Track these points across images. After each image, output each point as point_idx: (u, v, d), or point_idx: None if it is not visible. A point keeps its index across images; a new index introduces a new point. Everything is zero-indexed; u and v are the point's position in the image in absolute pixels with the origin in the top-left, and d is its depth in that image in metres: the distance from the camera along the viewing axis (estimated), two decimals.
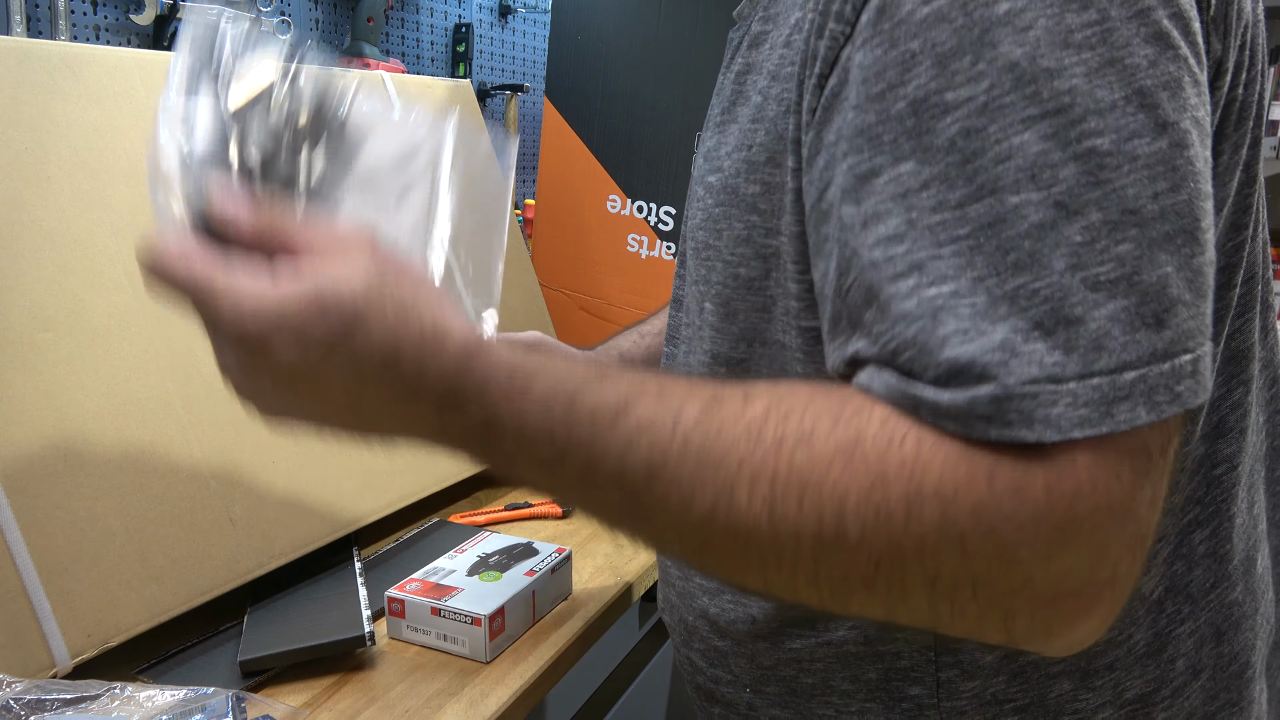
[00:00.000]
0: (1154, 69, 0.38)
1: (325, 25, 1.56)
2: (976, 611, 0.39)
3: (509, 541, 0.91)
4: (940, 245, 0.38)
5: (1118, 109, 0.37)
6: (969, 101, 0.38)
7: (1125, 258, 0.37)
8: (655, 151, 1.44)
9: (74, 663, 0.73)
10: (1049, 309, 0.36)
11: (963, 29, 0.38)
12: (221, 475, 0.85)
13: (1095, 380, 0.36)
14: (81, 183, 0.82)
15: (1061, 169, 0.37)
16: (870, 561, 0.39)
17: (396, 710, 0.74)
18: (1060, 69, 0.37)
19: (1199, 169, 0.39)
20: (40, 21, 1.14)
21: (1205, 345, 0.38)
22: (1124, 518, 0.37)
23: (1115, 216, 0.37)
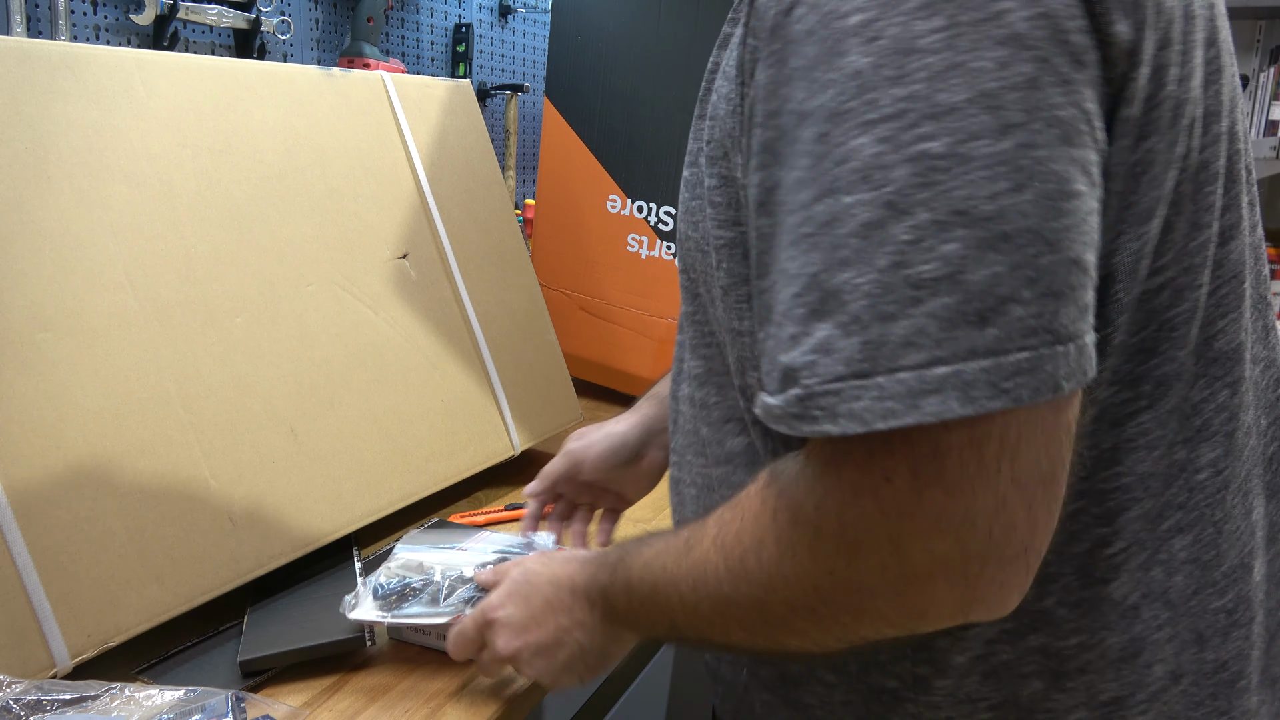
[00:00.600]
0: (1003, 71, 0.38)
1: (325, 25, 1.56)
2: (851, 615, 0.44)
3: (509, 541, 0.91)
4: (794, 245, 0.41)
5: (957, 112, 0.38)
6: (821, 109, 0.40)
7: (950, 257, 0.37)
8: (655, 151, 1.44)
9: (74, 663, 0.73)
10: (867, 304, 0.38)
11: (822, 41, 0.40)
12: (221, 475, 0.85)
13: (902, 375, 0.37)
14: (81, 183, 0.82)
15: (893, 170, 0.38)
16: (754, 609, 0.48)
17: (396, 710, 0.74)
18: (901, 75, 0.38)
19: (1057, 169, 0.39)
20: (40, 21, 1.14)
21: (1054, 345, 0.38)
22: (941, 510, 0.39)
23: (943, 216, 0.38)
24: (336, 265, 1.01)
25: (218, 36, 1.38)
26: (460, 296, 1.16)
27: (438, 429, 1.07)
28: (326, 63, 1.56)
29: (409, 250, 1.11)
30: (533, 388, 1.23)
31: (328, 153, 1.05)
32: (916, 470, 0.39)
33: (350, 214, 1.05)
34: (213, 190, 0.92)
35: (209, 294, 0.89)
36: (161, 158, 0.88)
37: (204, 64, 0.95)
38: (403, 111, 1.16)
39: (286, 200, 0.98)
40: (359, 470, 0.97)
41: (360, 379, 1.00)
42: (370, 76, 1.14)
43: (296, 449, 0.92)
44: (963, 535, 0.39)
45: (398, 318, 1.07)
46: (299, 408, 0.93)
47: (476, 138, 1.26)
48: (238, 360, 0.89)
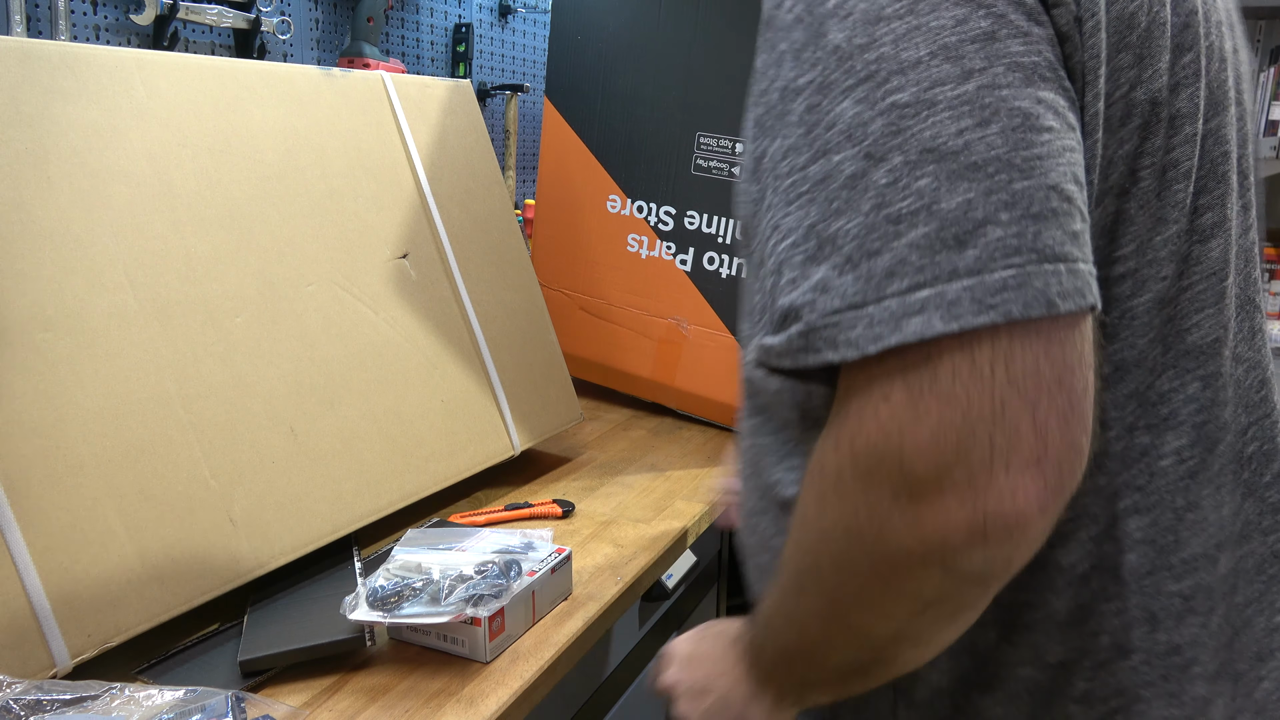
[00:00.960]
0: (960, 26, 0.42)
1: (325, 25, 1.56)
2: (885, 559, 0.44)
3: (509, 541, 0.91)
4: (789, 204, 0.45)
5: (921, 65, 0.42)
6: (811, 84, 0.45)
7: (924, 190, 0.41)
8: (655, 151, 1.44)
9: (74, 663, 0.73)
10: (856, 245, 0.42)
11: (808, 26, 0.45)
12: (221, 475, 0.85)
13: (888, 302, 0.41)
14: (81, 183, 0.82)
15: (870, 125, 0.42)
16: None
17: (396, 710, 0.74)
18: (870, 42, 0.43)
19: (1023, 105, 0.42)
20: (40, 21, 1.14)
21: (1041, 263, 0.41)
22: (938, 421, 0.41)
23: (914, 157, 0.41)
24: (336, 265, 1.01)
25: (218, 36, 1.38)
26: (460, 296, 1.16)
27: (438, 429, 1.07)
28: (326, 63, 1.56)
29: (409, 250, 1.11)
30: (533, 388, 1.23)
31: (328, 153, 1.05)
32: (910, 386, 0.41)
33: (350, 214, 1.05)
34: (213, 190, 0.92)
35: (209, 294, 0.89)
36: (161, 158, 0.88)
37: (204, 64, 0.95)
38: (403, 111, 1.16)
39: (286, 200, 0.98)
40: (359, 470, 0.97)
41: (360, 379, 1.00)
42: (370, 76, 1.14)
43: (296, 449, 0.92)
44: (964, 445, 0.40)
45: (398, 318, 1.07)
46: (299, 408, 0.93)
47: (476, 138, 1.26)
48: (238, 360, 0.89)
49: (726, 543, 1.37)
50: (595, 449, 1.36)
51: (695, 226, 1.41)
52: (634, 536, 1.06)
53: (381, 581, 0.79)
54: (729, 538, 1.37)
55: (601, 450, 1.35)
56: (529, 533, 0.94)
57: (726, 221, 1.39)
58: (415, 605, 0.78)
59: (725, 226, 1.39)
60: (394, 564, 0.82)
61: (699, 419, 1.48)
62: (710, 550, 1.31)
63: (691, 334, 1.44)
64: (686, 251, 1.43)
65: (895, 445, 0.42)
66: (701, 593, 1.31)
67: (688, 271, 1.43)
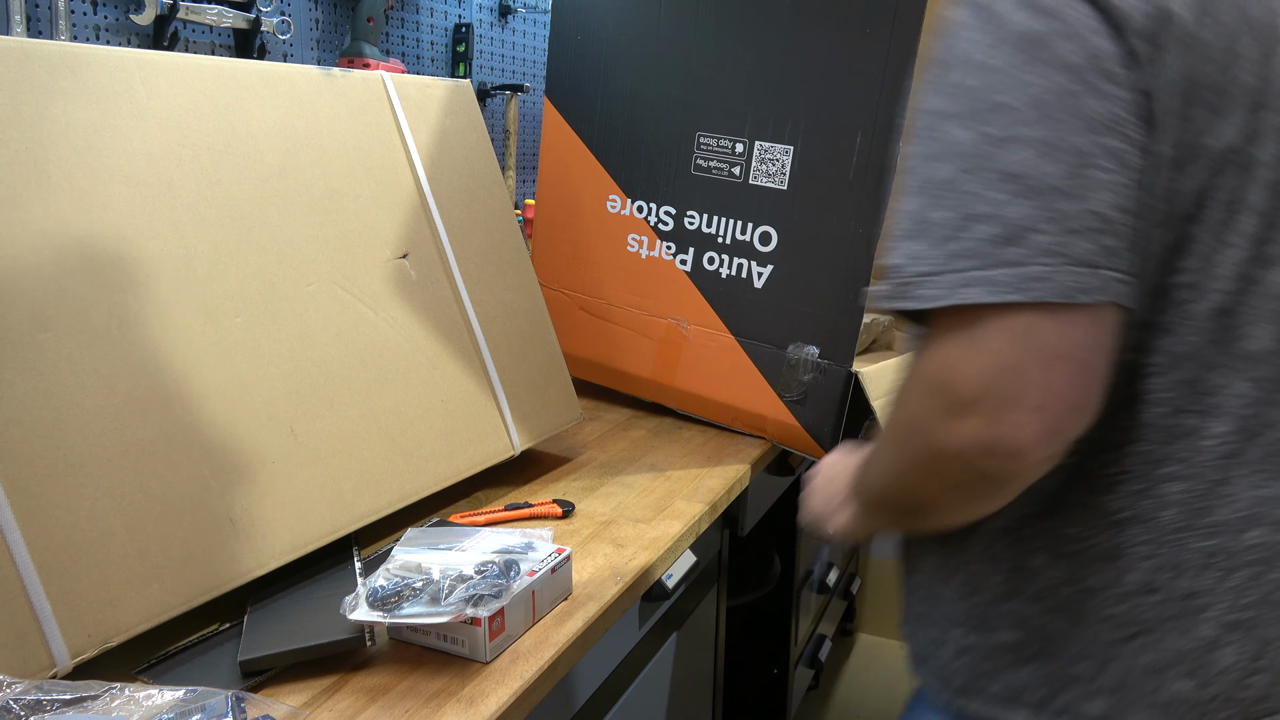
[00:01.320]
0: (1049, 85, 0.57)
1: (325, 25, 1.56)
2: (929, 450, 0.60)
3: (509, 541, 0.91)
4: (909, 194, 0.61)
5: (1014, 110, 0.57)
6: (938, 109, 0.61)
7: (996, 202, 0.56)
8: (655, 151, 1.44)
9: (74, 663, 0.73)
10: (942, 232, 0.58)
11: (944, 66, 0.62)
12: (221, 475, 0.85)
13: (951, 275, 0.57)
14: (81, 183, 0.82)
15: (968, 147, 0.58)
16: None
17: (396, 710, 0.74)
18: (982, 87, 0.59)
19: (1082, 147, 0.56)
20: (40, 21, 1.14)
21: (1068, 266, 0.55)
22: (978, 365, 0.56)
23: (993, 177, 0.57)
24: (336, 265, 1.01)
25: (218, 36, 1.38)
26: (460, 296, 1.16)
27: (438, 429, 1.07)
28: (326, 63, 1.57)
29: (409, 250, 1.11)
30: (533, 388, 1.23)
31: (328, 153, 1.05)
32: (961, 338, 0.57)
33: (350, 214, 1.05)
34: (213, 190, 0.92)
35: (209, 294, 0.89)
36: (161, 158, 0.88)
37: (204, 64, 0.95)
38: (403, 111, 1.16)
39: (286, 200, 0.98)
40: (359, 470, 0.97)
41: (360, 379, 1.00)
42: (370, 76, 1.14)
43: (296, 449, 0.92)
44: (991, 386, 0.56)
45: (398, 318, 1.07)
46: (299, 408, 0.93)
47: (476, 138, 1.26)
48: (238, 360, 0.89)
49: (726, 543, 1.37)
50: (595, 449, 1.36)
51: (695, 226, 1.41)
52: (634, 536, 1.06)
53: (381, 581, 0.79)
54: (729, 537, 1.37)
55: (601, 450, 1.35)
56: (529, 533, 0.94)
57: (726, 221, 1.39)
58: (415, 605, 0.78)
59: (725, 226, 1.39)
60: (394, 564, 0.82)
61: (699, 419, 1.49)
62: (710, 550, 1.31)
63: (691, 334, 1.44)
64: (686, 251, 1.43)
65: (947, 377, 0.57)
66: (701, 593, 1.31)
67: (688, 271, 1.43)
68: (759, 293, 1.37)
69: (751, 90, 1.34)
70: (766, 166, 1.34)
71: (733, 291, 1.39)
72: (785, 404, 1.36)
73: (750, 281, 1.37)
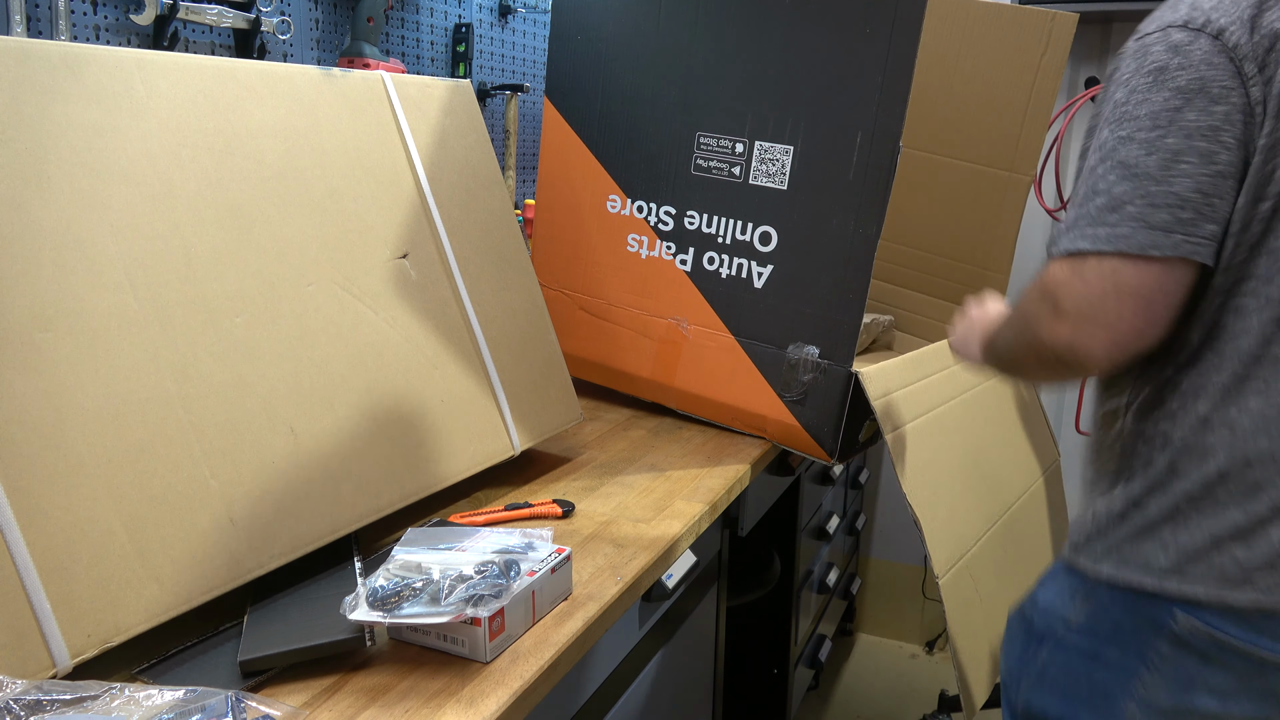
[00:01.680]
0: (1166, 103, 0.82)
1: (325, 25, 1.56)
2: (1033, 335, 0.87)
3: (509, 541, 0.91)
4: (1079, 181, 0.87)
5: (1138, 120, 0.82)
6: (1100, 116, 0.87)
7: (1111, 182, 0.82)
8: (655, 151, 1.44)
9: (74, 663, 0.73)
10: (1077, 202, 0.84)
11: (1111, 85, 0.87)
12: (221, 475, 0.85)
13: (1074, 231, 0.83)
14: (81, 183, 0.82)
15: (1107, 144, 0.84)
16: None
17: (396, 710, 0.74)
18: (1125, 100, 0.84)
19: (1176, 147, 0.80)
20: (40, 21, 1.14)
21: (1148, 229, 0.80)
22: (1075, 289, 0.83)
23: (1112, 164, 0.83)
24: (336, 265, 1.01)
25: (218, 36, 1.38)
26: (460, 296, 1.16)
27: (438, 429, 1.07)
28: (326, 63, 1.57)
29: (409, 250, 1.11)
30: (533, 388, 1.23)
31: (328, 153, 1.05)
32: (1072, 268, 0.82)
33: (350, 214, 1.05)
34: (213, 190, 0.92)
35: (209, 294, 0.89)
36: (161, 158, 0.88)
37: (204, 64, 0.95)
38: (403, 111, 1.16)
39: (286, 200, 0.98)
40: (359, 470, 0.97)
41: (360, 379, 1.00)
42: (370, 76, 1.14)
43: (296, 449, 0.92)
44: (1080, 304, 0.81)
45: (398, 318, 1.07)
46: (299, 408, 0.93)
47: (476, 138, 1.26)
48: (238, 360, 0.89)
49: (726, 543, 1.37)
50: (595, 449, 1.36)
51: (695, 226, 1.41)
52: (634, 536, 1.06)
53: (381, 581, 0.79)
54: (729, 537, 1.37)
55: (601, 450, 1.35)
56: (529, 533, 0.94)
57: (726, 221, 1.39)
58: (415, 605, 0.78)
59: (725, 226, 1.39)
60: (394, 564, 0.82)
61: (699, 419, 1.49)
62: (710, 550, 1.31)
63: (691, 334, 1.44)
64: (686, 251, 1.43)
65: (1056, 291, 0.83)
66: (701, 593, 1.31)
67: (688, 271, 1.43)
68: (759, 293, 1.37)
69: (751, 90, 1.34)
70: (766, 166, 1.34)
71: (733, 291, 1.39)
72: (785, 404, 1.36)
73: (750, 281, 1.37)
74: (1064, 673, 0.95)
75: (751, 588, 1.73)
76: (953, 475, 1.41)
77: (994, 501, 1.52)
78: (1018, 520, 1.57)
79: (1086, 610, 0.93)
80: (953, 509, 1.39)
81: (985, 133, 1.84)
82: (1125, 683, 0.91)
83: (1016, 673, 1.01)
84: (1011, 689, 1.02)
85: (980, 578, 1.41)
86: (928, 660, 2.61)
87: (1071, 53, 2.18)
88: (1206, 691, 0.87)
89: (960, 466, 1.44)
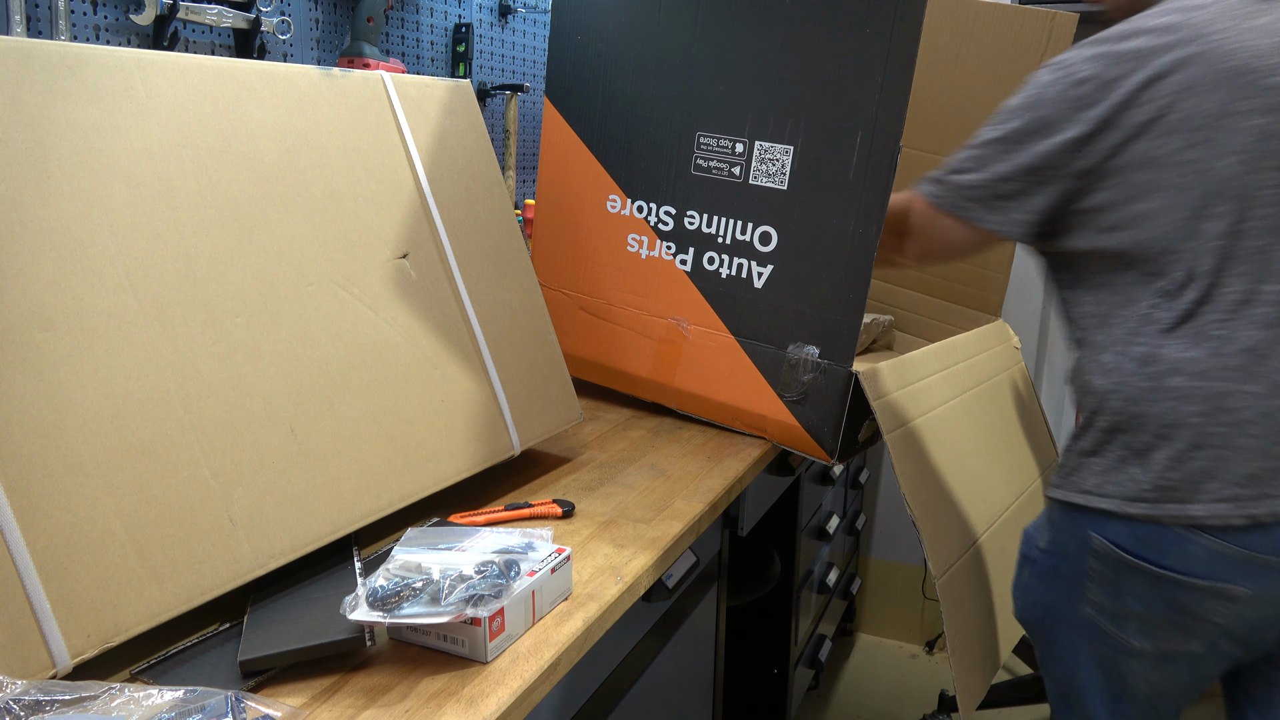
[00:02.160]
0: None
1: (325, 25, 1.56)
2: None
3: (509, 541, 0.91)
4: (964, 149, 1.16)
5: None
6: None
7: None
8: (655, 151, 1.44)
9: (74, 663, 0.73)
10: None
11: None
12: (221, 475, 0.85)
13: (925, 184, 1.19)
14: (81, 183, 0.82)
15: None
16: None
17: (396, 710, 0.74)
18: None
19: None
20: (40, 21, 1.14)
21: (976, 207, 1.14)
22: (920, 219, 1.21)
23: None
24: (336, 265, 1.01)
25: (218, 36, 1.38)
26: (460, 296, 1.16)
27: (438, 429, 1.07)
28: (326, 63, 1.57)
29: (409, 250, 1.11)
30: (533, 388, 1.23)
31: (328, 153, 1.05)
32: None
33: (350, 214, 1.05)
34: (213, 190, 0.92)
35: (209, 294, 0.89)
36: (161, 158, 0.88)
37: (204, 64, 0.95)
38: (403, 111, 1.16)
39: (286, 200, 0.98)
40: (359, 470, 0.97)
41: (360, 379, 1.00)
42: (370, 76, 1.14)
43: (296, 449, 0.92)
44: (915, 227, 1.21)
45: (398, 318, 1.07)
46: (299, 408, 0.93)
47: (476, 138, 1.26)
48: (238, 360, 0.89)
49: (726, 543, 1.37)
50: (595, 449, 1.36)
51: (695, 226, 1.41)
52: (634, 536, 1.06)
53: (381, 581, 0.79)
54: (729, 537, 1.37)
55: (601, 450, 1.35)
56: (529, 533, 0.94)
57: (726, 221, 1.39)
58: (415, 605, 0.78)
59: (725, 226, 1.39)
60: (394, 564, 0.82)
61: (699, 419, 1.49)
62: (710, 550, 1.31)
63: (691, 334, 1.44)
64: (686, 251, 1.43)
65: (907, 221, 1.21)
66: (701, 593, 1.31)
67: (688, 271, 1.43)
68: (759, 293, 1.37)
69: (751, 90, 1.34)
70: (766, 166, 1.34)
71: (733, 291, 1.39)
72: (785, 404, 1.36)
73: (750, 281, 1.37)
74: (1039, 587, 1.17)
75: (751, 588, 1.73)
76: (952, 475, 1.41)
77: (993, 502, 1.52)
78: (1017, 520, 1.57)
79: (1049, 535, 1.14)
80: (951, 509, 1.39)
81: None
82: (1079, 591, 1.10)
83: (1017, 592, 1.22)
84: (1016, 606, 1.23)
85: (979, 578, 1.41)
86: (928, 660, 2.61)
87: None
88: (1131, 597, 1.06)
89: (959, 467, 1.44)
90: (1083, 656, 1.14)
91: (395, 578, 0.80)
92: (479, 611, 0.78)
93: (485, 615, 0.79)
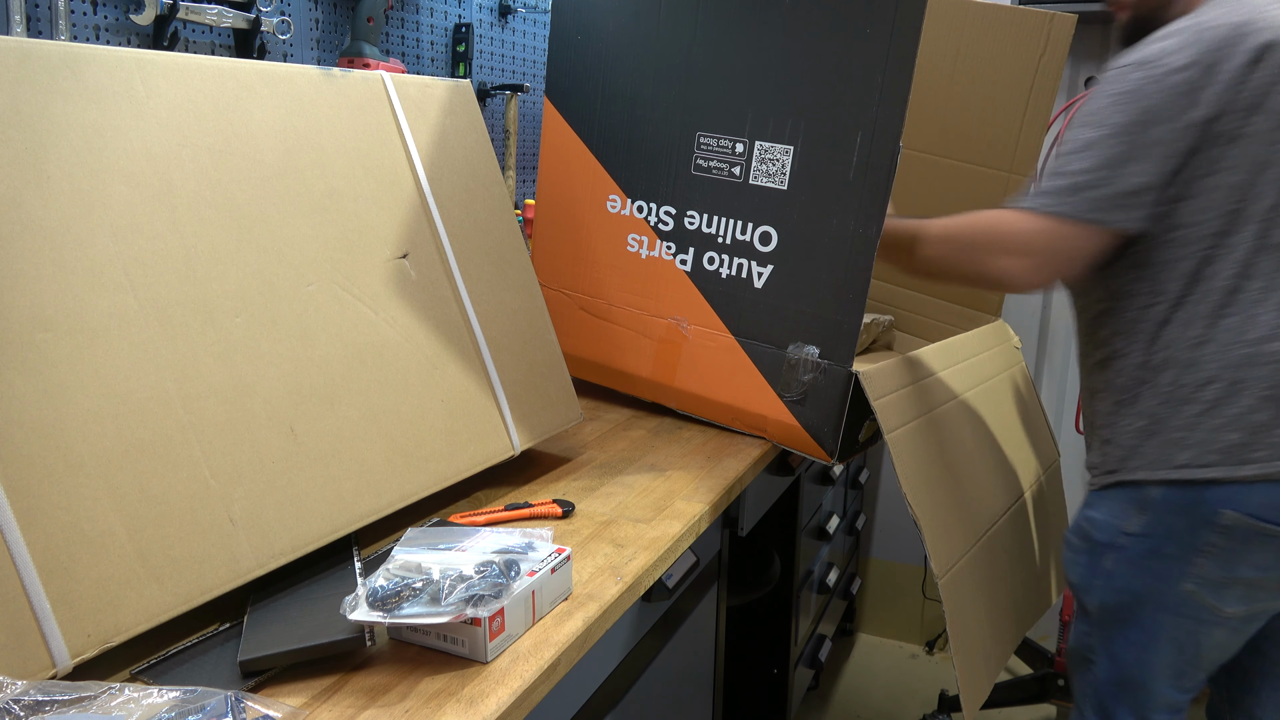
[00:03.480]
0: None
1: (325, 25, 1.56)
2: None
3: (509, 541, 0.91)
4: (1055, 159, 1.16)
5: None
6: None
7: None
8: (655, 151, 1.44)
9: (74, 663, 0.73)
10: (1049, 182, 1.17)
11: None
12: (221, 475, 0.85)
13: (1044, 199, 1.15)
14: (81, 183, 0.82)
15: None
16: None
17: (396, 710, 0.74)
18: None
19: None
20: (40, 21, 1.14)
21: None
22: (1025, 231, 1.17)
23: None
24: (336, 265, 1.01)
25: (218, 36, 1.38)
26: (460, 296, 1.16)
27: (438, 429, 1.07)
28: (326, 63, 1.57)
29: (409, 250, 1.11)
30: (533, 388, 1.23)
31: (328, 153, 1.05)
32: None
33: (350, 214, 1.05)
34: (213, 190, 0.92)
35: (209, 294, 0.89)
36: (161, 157, 0.88)
37: (204, 64, 0.95)
38: (403, 111, 1.16)
39: (286, 200, 0.98)
40: (359, 470, 0.97)
41: (360, 379, 1.00)
42: (370, 76, 1.14)
43: (296, 449, 0.92)
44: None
45: (398, 318, 1.07)
46: (299, 407, 0.93)
47: (476, 138, 1.26)
48: (238, 360, 0.89)
49: (726, 543, 1.37)
50: (595, 449, 1.36)
51: (695, 226, 1.41)
52: (634, 536, 1.06)
53: (381, 581, 0.79)
54: (729, 537, 1.37)
55: (601, 450, 1.35)
56: (529, 532, 0.94)
57: (726, 221, 1.39)
58: (415, 605, 0.78)
59: (725, 226, 1.39)
60: (394, 564, 0.82)
61: (699, 419, 1.49)
62: (710, 550, 1.31)
63: (691, 334, 1.44)
64: (686, 251, 1.43)
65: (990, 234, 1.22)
66: (701, 593, 1.31)
67: (688, 271, 1.43)
68: (759, 293, 1.37)
69: (751, 90, 1.34)
70: (766, 166, 1.34)
71: (733, 291, 1.39)
72: (785, 404, 1.36)
73: (750, 281, 1.37)
74: (1130, 571, 1.17)
75: (751, 588, 1.73)
76: (953, 475, 1.41)
77: (994, 501, 1.52)
78: (1018, 520, 1.57)
79: (1145, 518, 1.15)
80: (953, 509, 1.39)
81: (984, 133, 1.84)
82: (1183, 569, 1.13)
83: (1086, 581, 1.22)
84: (1084, 595, 1.23)
85: (981, 578, 1.41)
86: (928, 660, 2.61)
87: (1071, 53, 2.18)
88: (1247, 565, 1.10)
89: (961, 466, 1.44)
90: (1163, 637, 1.16)
91: (395, 578, 0.80)
92: (479, 611, 0.78)
93: (485, 615, 0.79)
